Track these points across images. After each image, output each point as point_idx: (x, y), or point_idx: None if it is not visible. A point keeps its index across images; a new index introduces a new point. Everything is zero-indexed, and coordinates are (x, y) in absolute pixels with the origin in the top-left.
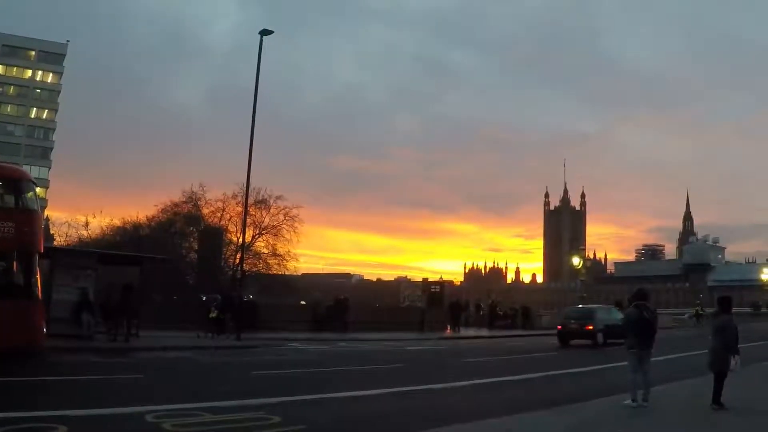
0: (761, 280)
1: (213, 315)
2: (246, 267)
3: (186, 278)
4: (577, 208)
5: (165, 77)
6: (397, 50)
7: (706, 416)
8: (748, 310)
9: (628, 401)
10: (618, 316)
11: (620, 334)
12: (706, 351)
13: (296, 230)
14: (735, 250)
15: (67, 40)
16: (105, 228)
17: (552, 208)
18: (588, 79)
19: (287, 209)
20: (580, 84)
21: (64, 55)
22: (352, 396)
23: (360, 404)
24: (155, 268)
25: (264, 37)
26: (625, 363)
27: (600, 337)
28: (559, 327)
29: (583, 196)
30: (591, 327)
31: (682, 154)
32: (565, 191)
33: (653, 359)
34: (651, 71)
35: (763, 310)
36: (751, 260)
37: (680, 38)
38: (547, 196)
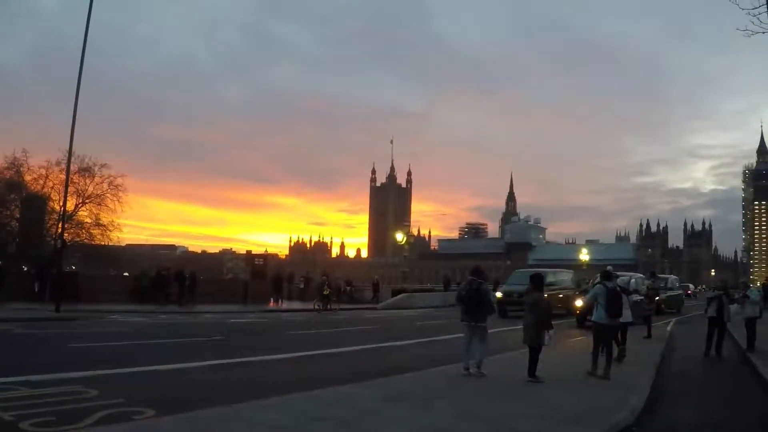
0: (580, 260)
1: (326, 292)
2: (68, 237)
3: (6, 247)
4: (403, 185)
5: None
6: (226, 18)
7: (521, 388)
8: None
9: (462, 371)
10: None
11: None
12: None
13: (120, 200)
14: (556, 231)
15: None
16: None
17: (378, 184)
18: (417, 57)
19: (112, 178)
20: (408, 61)
21: None
22: (173, 368)
23: (181, 376)
24: None
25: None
26: None
27: None
28: None
29: (409, 173)
30: None
31: (507, 135)
32: (392, 168)
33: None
34: (479, 53)
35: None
36: (571, 241)
37: (508, 23)
38: (373, 172)
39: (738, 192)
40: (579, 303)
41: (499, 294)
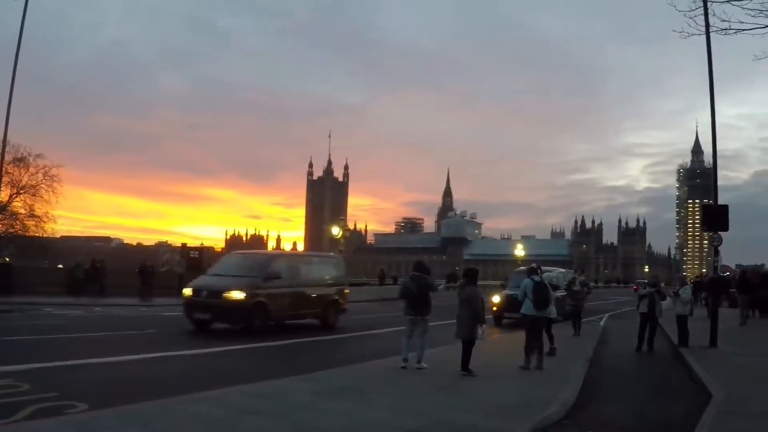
0: (514, 255)
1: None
2: (2, 228)
3: None
4: (341, 179)
5: None
6: (168, 8)
7: (455, 381)
8: (501, 282)
9: (401, 363)
10: None
11: None
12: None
13: (55, 191)
14: (492, 226)
15: None
16: None
17: (315, 177)
18: (359, 52)
19: (47, 168)
20: (350, 55)
21: None
22: (108, 362)
23: (115, 370)
24: None
25: None
26: None
27: None
28: None
29: (346, 167)
30: None
31: (446, 131)
32: (329, 162)
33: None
34: (421, 48)
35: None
36: (506, 236)
37: (454, 19)
38: (311, 165)
39: (672, 190)
40: (496, 299)
41: (187, 291)
